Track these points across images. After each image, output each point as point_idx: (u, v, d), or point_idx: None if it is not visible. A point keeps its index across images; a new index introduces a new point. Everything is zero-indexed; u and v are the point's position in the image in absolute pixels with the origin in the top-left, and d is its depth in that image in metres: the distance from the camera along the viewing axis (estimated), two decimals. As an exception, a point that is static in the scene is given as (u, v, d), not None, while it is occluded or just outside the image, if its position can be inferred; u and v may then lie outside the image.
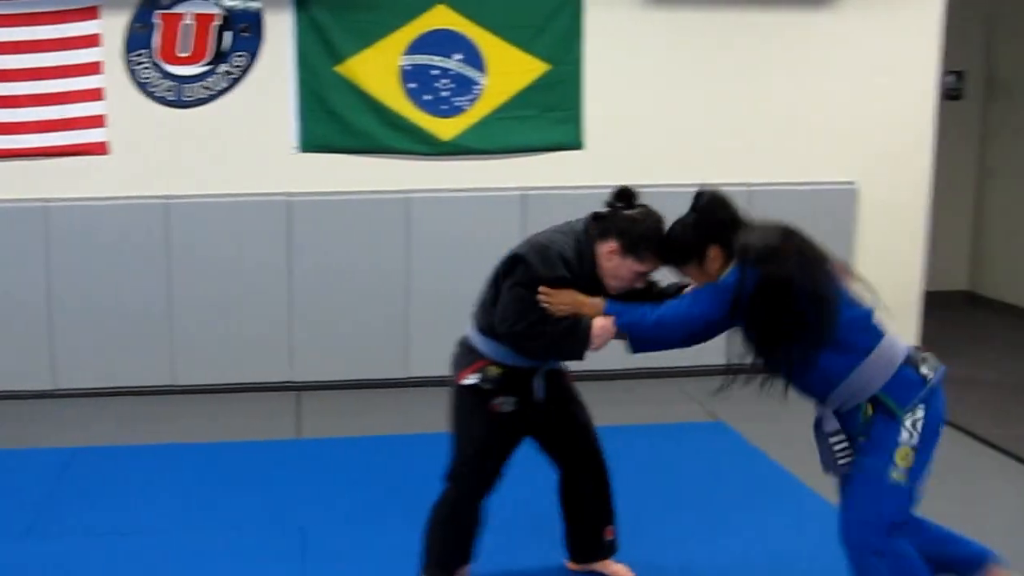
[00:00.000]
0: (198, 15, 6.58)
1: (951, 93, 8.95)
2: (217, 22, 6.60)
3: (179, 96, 6.62)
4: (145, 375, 6.69)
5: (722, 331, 3.50)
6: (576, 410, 4.10)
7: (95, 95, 6.59)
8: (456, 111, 6.80)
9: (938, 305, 8.12)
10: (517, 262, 3.62)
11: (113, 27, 6.53)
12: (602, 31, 6.83)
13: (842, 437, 3.47)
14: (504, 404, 3.77)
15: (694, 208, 3.65)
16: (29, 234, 6.50)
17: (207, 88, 6.64)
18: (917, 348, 3.52)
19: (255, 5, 6.58)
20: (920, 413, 3.36)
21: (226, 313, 6.61)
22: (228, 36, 6.61)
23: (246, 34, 6.62)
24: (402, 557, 4.23)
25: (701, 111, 6.99)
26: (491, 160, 6.86)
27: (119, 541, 4.62)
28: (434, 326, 6.27)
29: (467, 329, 3.87)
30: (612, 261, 3.61)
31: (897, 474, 3.36)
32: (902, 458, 3.35)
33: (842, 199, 7.12)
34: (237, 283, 6.60)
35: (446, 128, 6.80)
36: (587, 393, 5.06)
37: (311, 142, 6.74)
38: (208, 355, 6.62)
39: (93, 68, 6.56)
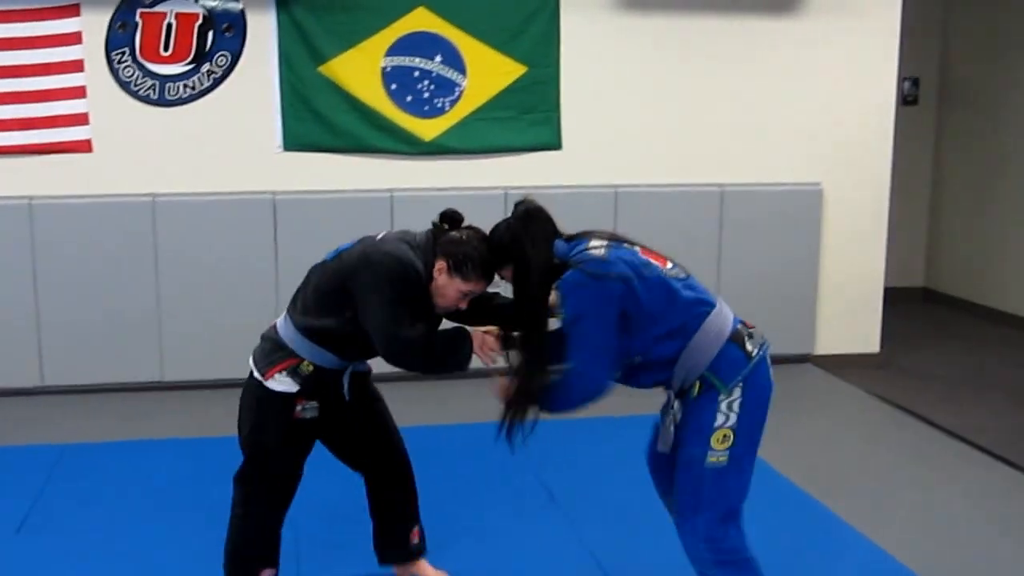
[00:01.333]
0: (180, 14, 6.62)
1: (908, 99, 9.27)
2: (199, 21, 6.63)
3: (162, 95, 6.66)
4: (133, 372, 6.72)
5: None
6: (380, 412, 4.03)
7: (78, 93, 6.60)
8: (437, 112, 6.91)
9: (896, 301, 8.44)
10: (377, 278, 3.50)
11: (94, 25, 6.56)
12: (578, 35, 6.97)
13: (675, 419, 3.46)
14: (306, 411, 3.67)
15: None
16: (14, 231, 6.51)
17: (190, 87, 6.69)
18: (743, 323, 3.44)
19: (236, 5, 6.65)
20: (737, 393, 3.31)
21: (213, 310, 6.65)
22: (210, 36, 6.65)
23: (228, 34, 6.67)
24: None
25: (674, 113, 7.15)
26: (472, 160, 6.98)
27: (110, 536, 4.66)
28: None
29: (278, 324, 3.72)
30: (439, 280, 3.57)
31: (715, 457, 3.32)
32: (719, 441, 3.31)
33: (808, 199, 7.32)
34: (223, 280, 6.66)
35: (428, 128, 6.91)
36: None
37: (295, 141, 6.82)
38: (195, 351, 6.66)
39: (75, 66, 6.58)
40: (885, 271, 7.62)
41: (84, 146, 6.65)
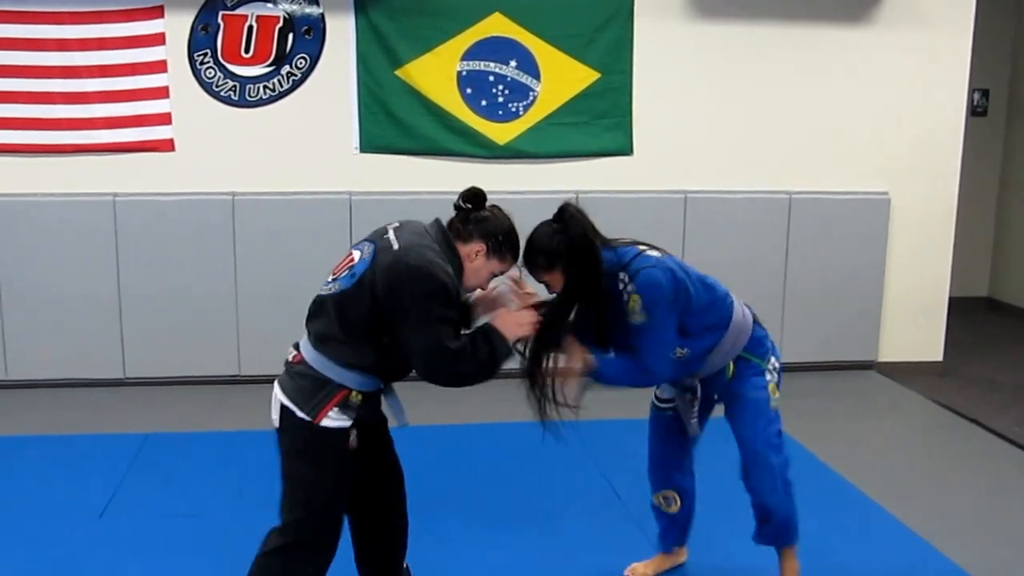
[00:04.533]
0: (261, 17, 6.75)
1: (977, 110, 9.26)
2: (279, 24, 6.76)
3: (242, 96, 6.81)
4: (211, 365, 6.88)
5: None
6: (394, 456, 3.80)
7: (162, 93, 6.75)
8: (511, 116, 7.00)
9: (961, 310, 8.44)
10: (416, 297, 3.25)
11: (177, 27, 6.70)
12: (651, 42, 7.03)
13: (697, 404, 3.96)
14: (353, 439, 3.41)
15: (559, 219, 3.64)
16: (99, 227, 6.69)
17: (270, 89, 6.82)
18: (746, 305, 3.92)
19: (315, 10, 6.78)
20: (773, 360, 3.90)
21: (289, 306, 6.63)
22: (290, 38, 6.78)
23: (308, 37, 6.79)
24: (453, 541, 4.51)
25: (744, 120, 7.20)
26: (544, 164, 7.06)
27: (189, 522, 4.80)
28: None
29: (307, 357, 3.44)
30: (475, 262, 3.44)
31: (775, 402, 3.86)
32: (774, 390, 3.86)
33: (876, 208, 7.34)
34: (300, 277, 6.61)
35: (501, 132, 7.01)
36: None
37: (371, 143, 6.94)
38: (272, 347, 6.68)
39: (160, 66, 6.72)
40: (950, 280, 7.62)
41: (167, 145, 6.80)
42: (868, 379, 7.41)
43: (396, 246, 3.33)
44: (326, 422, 3.34)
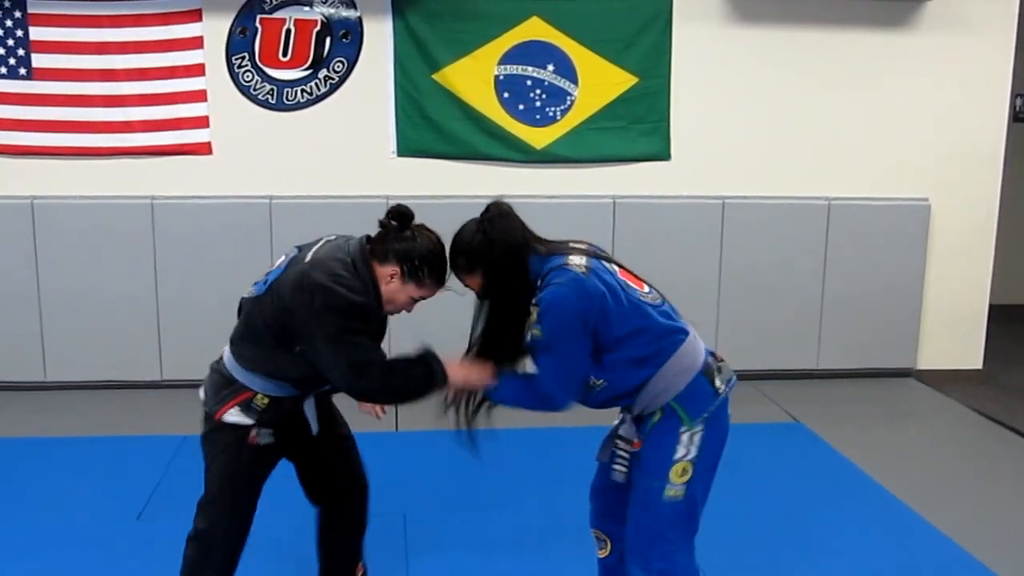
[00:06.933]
0: (299, 20, 6.75)
1: (1020, 115, 9.18)
2: (317, 28, 6.77)
3: (280, 100, 6.82)
4: (247, 367, 6.86)
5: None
6: (347, 448, 3.75)
7: (199, 96, 6.77)
8: (549, 120, 6.99)
9: (1001, 318, 8.33)
10: (316, 313, 3.16)
11: (216, 30, 6.72)
12: (690, 46, 7.00)
13: (629, 447, 3.32)
14: (261, 436, 3.40)
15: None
16: (137, 230, 6.71)
17: (307, 92, 6.83)
18: (713, 354, 3.30)
19: (353, 13, 6.78)
20: (700, 427, 3.18)
21: (325, 309, 6.74)
22: (328, 42, 6.79)
23: (346, 40, 6.80)
24: (498, 541, 4.52)
25: (783, 126, 7.17)
26: (582, 168, 7.04)
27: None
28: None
29: (225, 356, 3.48)
30: (391, 285, 3.29)
31: (673, 491, 3.19)
32: (678, 474, 3.18)
33: (916, 214, 7.29)
34: None
35: (539, 136, 6.99)
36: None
37: (408, 147, 6.95)
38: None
39: (197, 70, 6.74)
40: (990, 287, 7.56)
41: (204, 148, 6.82)
42: (906, 387, 7.35)
43: (308, 259, 3.28)
44: (226, 418, 3.40)
